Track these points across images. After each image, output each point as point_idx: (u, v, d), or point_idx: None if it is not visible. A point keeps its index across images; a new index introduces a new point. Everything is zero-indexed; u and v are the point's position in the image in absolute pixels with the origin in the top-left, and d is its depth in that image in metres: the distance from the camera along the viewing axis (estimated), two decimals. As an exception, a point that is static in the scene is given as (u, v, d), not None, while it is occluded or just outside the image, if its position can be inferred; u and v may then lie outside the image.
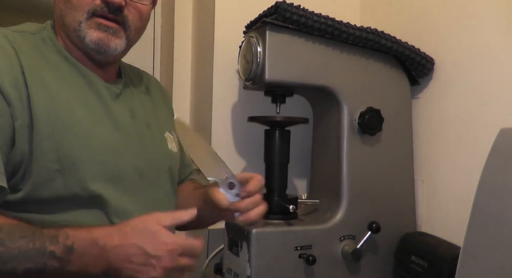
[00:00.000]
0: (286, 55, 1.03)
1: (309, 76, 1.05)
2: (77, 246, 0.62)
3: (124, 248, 0.63)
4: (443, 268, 0.94)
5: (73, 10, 0.75)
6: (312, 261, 0.99)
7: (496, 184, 0.73)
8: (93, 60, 0.80)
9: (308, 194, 1.27)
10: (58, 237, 0.61)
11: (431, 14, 1.17)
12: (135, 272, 0.64)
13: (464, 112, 1.07)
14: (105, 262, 0.63)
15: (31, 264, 0.59)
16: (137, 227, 0.65)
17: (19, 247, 0.58)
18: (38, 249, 0.59)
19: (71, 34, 0.77)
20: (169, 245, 0.65)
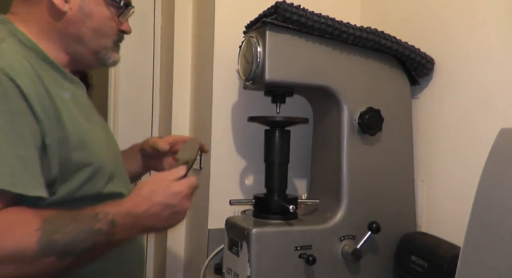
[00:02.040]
0: (286, 55, 1.03)
1: (309, 76, 1.05)
2: (117, 220, 0.71)
3: (152, 210, 0.75)
4: (443, 268, 0.94)
5: (103, 38, 0.87)
6: (312, 261, 0.99)
7: (496, 183, 0.73)
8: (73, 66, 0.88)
9: (308, 194, 1.27)
10: (99, 215, 0.70)
11: (431, 14, 1.17)
12: (166, 223, 0.79)
13: (464, 112, 1.07)
14: (140, 226, 0.76)
15: (84, 243, 0.67)
16: (154, 189, 0.77)
17: (72, 231, 0.66)
18: (87, 229, 0.67)
19: (89, 54, 0.87)
20: (184, 191, 0.80)
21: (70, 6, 0.82)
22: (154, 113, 1.70)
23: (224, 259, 1.10)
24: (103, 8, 0.86)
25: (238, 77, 1.26)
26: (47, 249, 0.64)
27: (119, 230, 0.71)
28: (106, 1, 0.86)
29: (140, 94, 1.68)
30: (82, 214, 0.70)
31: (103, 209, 0.71)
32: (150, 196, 0.76)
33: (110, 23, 0.87)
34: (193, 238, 1.43)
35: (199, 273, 1.25)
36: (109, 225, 0.70)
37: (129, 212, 0.74)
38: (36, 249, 0.63)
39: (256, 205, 1.09)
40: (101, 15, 0.86)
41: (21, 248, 0.63)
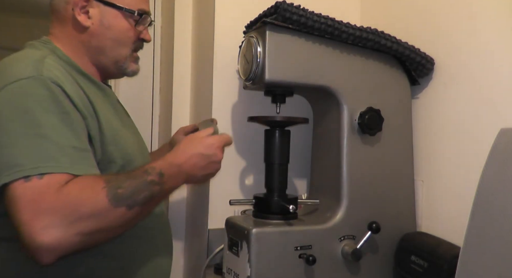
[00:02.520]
0: (286, 55, 1.03)
1: (309, 76, 1.05)
2: (164, 171, 0.83)
3: (191, 160, 0.88)
4: (443, 268, 0.94)
5: (121, 47, 0.97)
6: (312, 261, 0.99)
7: (496, 184, 0.73)
8: (102, 76, 1.00)
9: (308, 194, 1.27)
10: (148, 170, 0.81)
11: (431, 14, 1.17)
12: (205, 172, 0.91)
13: (464, 112, 1.07)
14: (183, 175, 0.88)
15: (144, 193, 0.78)
16: (190, 144, 0.91)
17: (131, 185, 0.77)
18: (142, 182, 0.79)
19: (111, 63, 0.97)
20: (216, 144, 0.92)
21: (92, 21, 0.93)
22: (154, 113, 1.70)
23: (224, 259, 1.10)
24: (121, 20, 0.96)
25: (238, 77, 1.26)
26: (115, 201, 0.74)
27: (167, 179, 0.83)
28: (123, 13, 0.96)
29: (140, 94, 1.68)
30: (134, 172, 0.81)
31: (150, 165, 0.83)
32: (187, 149, 0.89)
33: (128, 33, 0.97)
34: (193, 238, 1.43)
35: (199, 273, 1.25)
36: (159, 176, 0.81)
37: (172, 163, 0.86)
38: (107, 203, 0.73)
39: (256, 205, 1.09)
40: (119, 27, 0.96)
41: (94, 204, 0.73)
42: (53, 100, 0.77)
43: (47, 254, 0.69)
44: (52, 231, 0.68)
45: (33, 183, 0.70)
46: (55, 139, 0.74)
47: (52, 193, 0.70)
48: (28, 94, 0.76)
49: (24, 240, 0.69)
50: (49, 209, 0.69)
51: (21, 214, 0.69)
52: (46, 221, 0.69)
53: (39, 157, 0.72)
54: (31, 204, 0.69)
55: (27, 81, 0.76)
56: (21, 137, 0.73)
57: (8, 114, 0.74)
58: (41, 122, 0.74)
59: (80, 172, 0.75)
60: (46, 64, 0.81)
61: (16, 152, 0.72)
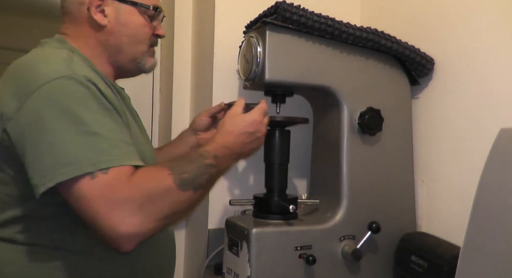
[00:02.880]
0: (286, 55, 1.03)
1: (309, 76, 1.05)
2: (218, 153, 0.87)
3: (238, 139, 0.93)
4: (443, 268, 0.94)
5: (139, 43, 0.96)
6: (312, 261, 0.99)
7: (496, 184, 0.73)
8: (116, 76, 1.00)
9: (308, 194, 1.27)
10: (204, 154, 0.85)
11: (432, 14, 1.17)
12: (251, 147, 0.96)
13: (464, 112, 1.07)
14: (233, 154, 0.92)
15: (205, 176, 0.82)
16: (233, 123, 0.94)
17: (193, 169, 0.81)
18: (202, 165, 0.83)
19: (128, 61, 0.97)
20: (257, 119, 0.96)
21: (108, 19, 0.93)
22: (154, 113, 1.70)
23: (224, 259, 1.10)
24: (136, 16, 0.95)
25: (238, 77, 1.26)
26: (182, 185, 0.78)
27: (221, 160, 0.87)
28: (138, 9, 0.95)
29: (140, 94, 1.68)
30: (191, 157, 0.85)
31: (204, 149, 0.87)
32: (232, 129, 0.93)
33: (144, 29, 0.97)
34: (193, 238, 1.43)
35: (199, 273, 1.25)
36: (214, 159, 0.85)
37: (223, 145, 0.90)
38: (176, 188, 0.77)
39: (256, 205, 1.09)
40: (136, 23, 0.95)
41: (165, 190, 0.77)
42: (93, 97, 0.77)
43: (129, 242, 0.74)
44: (132, 220, 0.72)
45: (100, 179, 0.72)
46: (104, 134, 0.75)
47: (123, 184, 0.73)
48: (68, 92, 0.76)
49: (103, 232, 0.72)
50: (124, 199, 0.73)
51: (97, 208, 0.72)
52: (124, 211, 0.72)
53: (92, 153, 0.73)
54: (105, 197, 0.72)
55: (63, 80, 0.76)
56: (69, 135, 0.73)
57: (51, 114, 0.74)
58: (86, 119, 0.75)
59: (131, 163, 0.77)
60: (76, 63, 0.81)
61: (67, 150, 0.72)
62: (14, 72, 0.82)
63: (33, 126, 0.74)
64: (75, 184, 0.72)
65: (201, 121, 1.16)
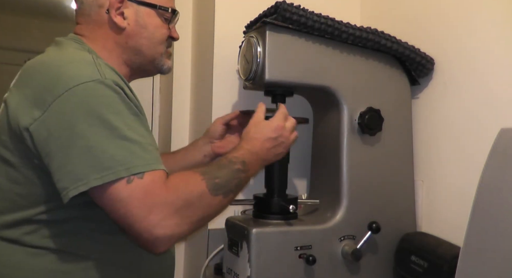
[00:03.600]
0: (286, 55, 1.03)
1: (309, 76, 1.05)
2: (246, 159, 0.90)
3: (264, 146, 0.95)
4: (443, 268, 0.94)
5: (157, 45, 0.97)
6: (312, 261, 0.99)
7: (496, 184, 0.73)
8: (131, 78, 1.01)
9: (308, 194, 1.27)
10: (233, 160, 0.88)
11: (431, 14, 1.17)
12: (277, 152, 0.98)
13: (464, 112, 1.07)
14: (260, 160, 0.95)
15: (235, 181, 0.85)
16: (258, 130, 0.96)
17: (224, 175, 0.84)
18: (231, 171, 0.86)
19: (147, 62, 0.98)
20: (280, 124, 0.98)
21: (128, 22, 0.93)
22: (154, 113, 1.70)
23: (224, 259, 1.10)
24: (155, 18, 0.96)
25: (238, 77, 1.26)
26: (214, 190, 0.81)
27: (249, 167, 0.90)
28: (156, 12, 0.96)
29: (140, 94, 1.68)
30: (221, 163, 0.88)
31: (233, 155, 0.90)
32: (259, 136, 0.95)
33: (162, 31, 0.98)
34: (193, 238, 1.43)
35: (199, 273, 1.25)
36: (242, 164, 0.88)
37: (251, 151, 0.92)
38: (208, 192, 0.80)
39: (256, 205, 1.09)
40: (154, 25, 0.96)
41: (199, 195, 0.79)
42: (122, 102, 0.78)
43: (165, 244, 0.76)
44: (169, 223, 0.74)
45: (137, 183, 0.74)
46: (135, 139, 0.76)
47: (160, 188, 0.75)
48: (98, 97, 0.76)
49: (140, 235, 0.74)
50: (162, 202, 0.75)
51: (135, 211, 0.73)
52: (162, 214, 0.74)
53: (126, 158, 0.74)
54: (143, 201, 0.74)
55: (93, 84, 0.76)
56: (102, 140, 0.74)
57: (82, 118, 0.74)
58: (117, 124, 0.75)
59: (163, 168, 0.78)
60: (103, 67, 0.81)
61: (101, 154, 0.73)
62: (34, 72, 0.82)
63: (63, 129, 0.74)
64: (110, 188, 0.73)
65: (216, 129, 1.17)
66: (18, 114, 0.78)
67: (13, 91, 0.83)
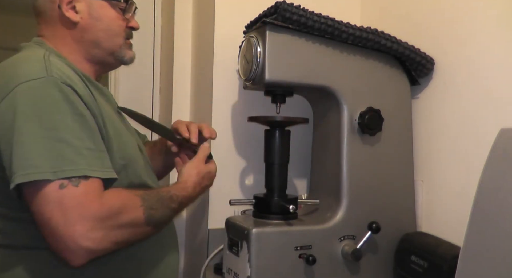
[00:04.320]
0: (286, 55, 1.03)
1: (309, 76, 1.05)
2: (183, 201, 0.92)
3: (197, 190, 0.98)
4: (443, 268, 0.94)
5: (115, 37, 0.96)
6: (312, 261, 0.99)
7: (496, 184, 0.73)
8: (97, 73, 0.99)
9: (308, 194, 1.27)
10: (173, 198, 0.89)
11: (431, 14, 1.17)
12: (206, 183, 1.01)
13: (464, 112, 1.07)
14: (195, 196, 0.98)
15: (166, 217, 0.88)
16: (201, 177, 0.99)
17: (160, 208, 0.85)
18: (168, 208, 0.88)
19: (107, 55, 0.96)
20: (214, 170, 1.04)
21: (81, 15, 0.92)
22: (154, 113, 1.70)
23: (224, 259, 1.10)
24: (108, 10, 0.95)
25: (238, 77, 1.26)
26: (149, 220, 0.82)
27: (181, 207, 0.93)
28: (110, 3, 0.95)
29: (140, 94, 1.68)
30: (162, 195, 0.88)
31: (175, 192, 0.91)
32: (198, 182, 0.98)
33: (118, 22, 0.96)
34: (193, 238, 1.43)
35: (199, 273, 1.25)
36: (179, 204, 0.91)
37: (188, 194, 0.95)
38: (144, 221, 0.81)
39: (256, 205, 1.09)
40: (109, 16, 0.95)
41: (134, 219, 0.80)
42: (66, 101, 0.77)
43: (82, 256, 0.74)
44: (93, 236, 0.73)
45: (70, 190, 0.72)
46: (70, 141, 0.75)
47: (93, 202, 0.74)
48: (41, 95, 0.76)
49: (60, 241, 0.73)
50: (92, 215, 0.74)
51: (62, 218, 0.72)
52: (89, 226, 0.73)
53: (55, 160, 0.73)
54: (73, 210, 0.72)
55: (38, 82, 0.76)
56: (36, 138, 0.73)
57: (22, 115, 0.74)
58: (56, 124, 0.75)
59: (96, 173, 0.77)
60: (53, 63, 0.81)
61: (31, 152, 0.72)
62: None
63: (7, 127, 0.74)
64: (40, 189, 0.72)
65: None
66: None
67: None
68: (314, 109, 1.24)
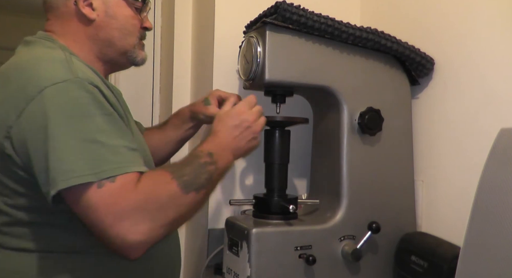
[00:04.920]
0: (286, 55, 1.03)
1: (309, 76, 1.05)
2: (212, 151, 0.87)
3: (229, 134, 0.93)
4: (443, 268, 0.94)
5: (129, 36, 0.95)
6: (312, 261, 0.99)
7: (496, 184, 0.73)
8: (106, 72, 0.98)
9: (308, 194, 1.27)
10: (198, 153, 0.86)
11: (431, 14, 1.17)
12: (246, 139, 0.95)
13: (464, 112, 1.07)
14: (230, 150, 0.92)
15: (204, 175, 0.83)
16: (220, 120, 0.95)
17: (191, 171, 0.81)
18: (198, 165, 0.83)
19: (119, 54, 0.95)
20: (241, 110, 0.96)
21: (97, 13, 0.91)
22: (154, 113, 1.70)
23: (224, 259, 1.10)
24: (125, 9, 0.94)
25: (238, 77, 1.26)
26: (185, 188, 0.79)
27: (217, 157, 0.87)
28: (126, 1, 0.94)
29: (140, 94, 1.68)
30: (188, 158, 0.85)
31: (198, 149, 0.88)
32: (221, 126, 0.94)
33: (133, 21, 0.96)
34: (193, 238, 1.43)
35: (199, 273, 1.25)
36: (209, 156, 0.86)
37: (216, 142, 0.91)
38: (180, 191, 0.78)
39: (256, 205, 1.09)
40: (124, 15, 0.94)
41: (170, 195, 0.77)
42: (95, 102, 0.76)
43: (138, 250, 0.74)
44: (140, 228, 0.72)
45: (107, 187, 0.72)
46: (104, 141, 0.74)
47: (130, 192, 0.74)
48: (70, 98, 0.75)
49: (111, 242, 0.73)
50: (132, 207, 0.73)
51: (104, 218, 0.72)
52: (133, 219, 0.72)
53: (94, 162, 0.73)
54: (113, 207, 0.72)
55: (65, 84, 0.75)
56: (72, 143, 0.73)
57: (54, 119, 0.73)
58: (88, 126, 0.74)
59: (133, 168, 0.76)
60: (75, 65, 0.80)
61: (69, 158, 0.72)
62: (7, 76, 0.81)
63: (37, 132, 0.73)
64: (81, 193, 0.72)
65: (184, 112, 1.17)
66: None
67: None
68: (314, 109, 1.24)
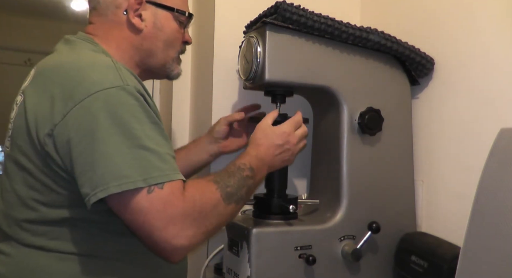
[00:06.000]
0: (286, 55, 1.03)
1: (309, 76, 1.05)
2: (253, 166, 0.91)
3: (269, 152, 0.97)
4: (443, 268, 0.94)
5: (171, 49, 0.98)
6: (312, 261, 0.99)
7: (496, 184, 0.73)
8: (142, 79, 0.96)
9: (308, 194, 1.27)
10: (241, 166, 0.89)
11: (431, 14, 1.17)
12: (282, 158, 0.99)
13: (464, 112, 1.07)
14: (266, 167, 0.96)
15: (244, 188, 0.87)
16: (264, 135, 0.98)
17: (234, 183, 0.85)
18: (241, 178, 0.87)
19: (159, 66, 0.98)
20: (287, 130, 0.99)
21: (145, 23, 0.94)
22: (154, 113, 1.70)
23: (224, 259, 1.10)
24: (171, 22, 0.97)
25: (238, 77, 1.26)
26: (228, 199, 0.83)
27: (256, 172, 0.91)
28: (173, 15, 0.97)
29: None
30: (230, 170, 0.88)
31: (240, 161, 0.91)
32: (264, 142, 0.97)
33: (177, 35, 0.99)
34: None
35: (199, 273, 1.25)
36: (250, 171, 0.90)
37: (257, 157, 0.94)
38: (223, 202, 0.82)
39: (256, 205, 1.09)
40: (171, 28, 0.97)
41: (214, 204, 0.81)
42: (143, 110, 0.78)
43: (182, 254, 0.78)
44: (186, 233, 0.76)
45: (156, 193, 0.74)
46: (154, 149, 0.76)
47: (178, 199, 0.76)
48: (119, 104, 0.76)
49: (157, 245, 0.76)
50: (180, 214, 0.76)
51: (154, 222, 0.74)
52: (180, 225, 0.75)
53: (145, 168, 0.74)
54: (162, 212, 0.74)
55: (115, 90, 0.76)
56: (122, 148, 0.74)
57: (104, 124, 0.74)
58: (137, 133, 0.75)
59: (179, 176, 0.78)
60: (124, 72, 0.80)
61: (121, 162, 0.73)
62: (52, 75, 0.81)
63: (84, 135, 0.74)
64: (129, 197, 0.73)
65: (220, 129, 1.17)
66: (38, 120, 0.77)
67: (30, 94, 0.82)
68: (314, 109, 1.24)
